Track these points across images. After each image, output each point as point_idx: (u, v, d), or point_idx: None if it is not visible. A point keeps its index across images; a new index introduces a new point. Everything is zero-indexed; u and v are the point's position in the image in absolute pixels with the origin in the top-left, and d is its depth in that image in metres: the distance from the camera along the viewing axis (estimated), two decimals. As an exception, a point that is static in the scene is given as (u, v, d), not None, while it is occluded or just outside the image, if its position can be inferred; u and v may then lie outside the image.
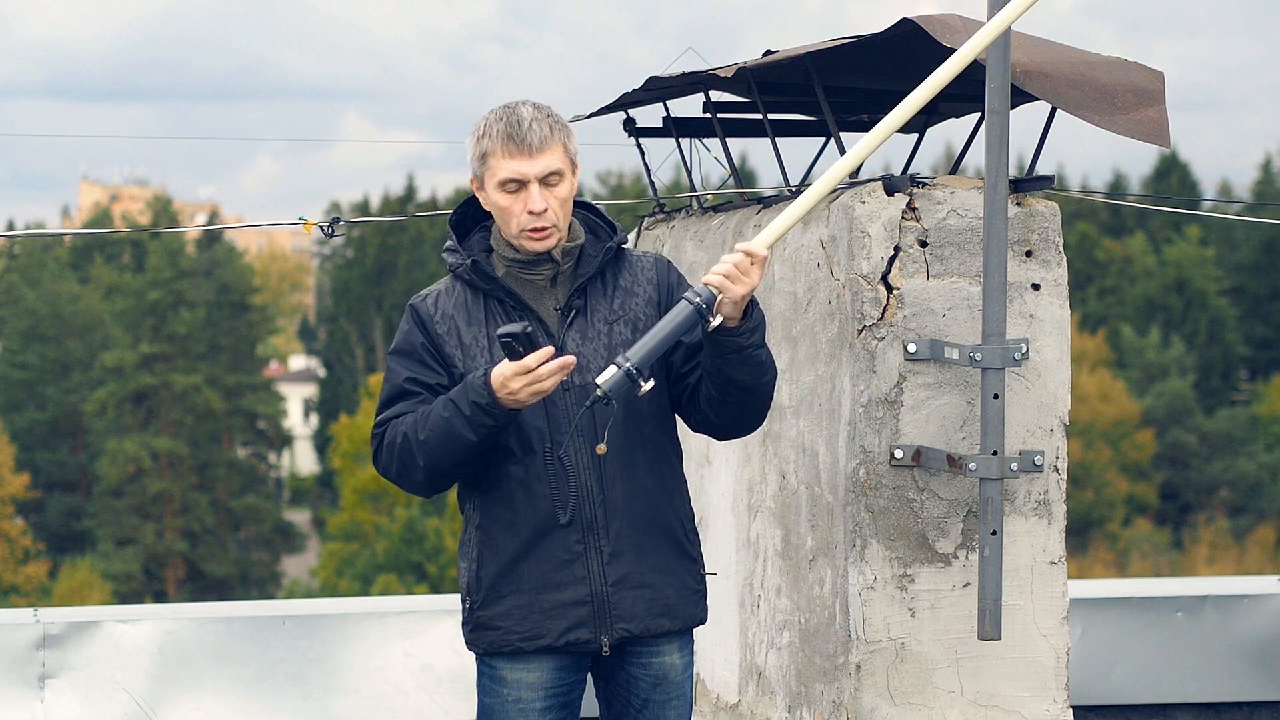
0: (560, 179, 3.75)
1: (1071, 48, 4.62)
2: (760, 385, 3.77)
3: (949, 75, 3.87)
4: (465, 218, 3.92)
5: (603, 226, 3.89)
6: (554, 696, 3.83)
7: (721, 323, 3.66)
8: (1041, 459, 4.47)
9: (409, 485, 3.81)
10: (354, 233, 56.28)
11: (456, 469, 3.75)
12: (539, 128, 3.73)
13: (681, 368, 3.83)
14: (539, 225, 3.74)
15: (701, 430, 3.89)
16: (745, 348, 3.69)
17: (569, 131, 3.79)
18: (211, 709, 5.85)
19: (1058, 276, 4.54)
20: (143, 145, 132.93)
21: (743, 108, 5.54)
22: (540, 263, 3.80)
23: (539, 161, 3.73)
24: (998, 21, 3.97)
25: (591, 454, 3.75)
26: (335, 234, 5.52)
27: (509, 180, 3.74)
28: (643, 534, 3.79)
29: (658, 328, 3.61)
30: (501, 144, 3.73)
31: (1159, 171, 53.95)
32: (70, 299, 51.30)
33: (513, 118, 3.74)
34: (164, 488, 47.50)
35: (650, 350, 3.58)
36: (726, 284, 3.62)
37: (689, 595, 3.86)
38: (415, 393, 3.79)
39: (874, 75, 5.02)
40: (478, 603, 3.82)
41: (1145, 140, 4.45)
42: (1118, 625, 6.25)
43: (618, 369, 3.56)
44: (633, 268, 3.87)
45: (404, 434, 3.74)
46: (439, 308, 3.84)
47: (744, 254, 3.63)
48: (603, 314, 3.80)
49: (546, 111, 3.78)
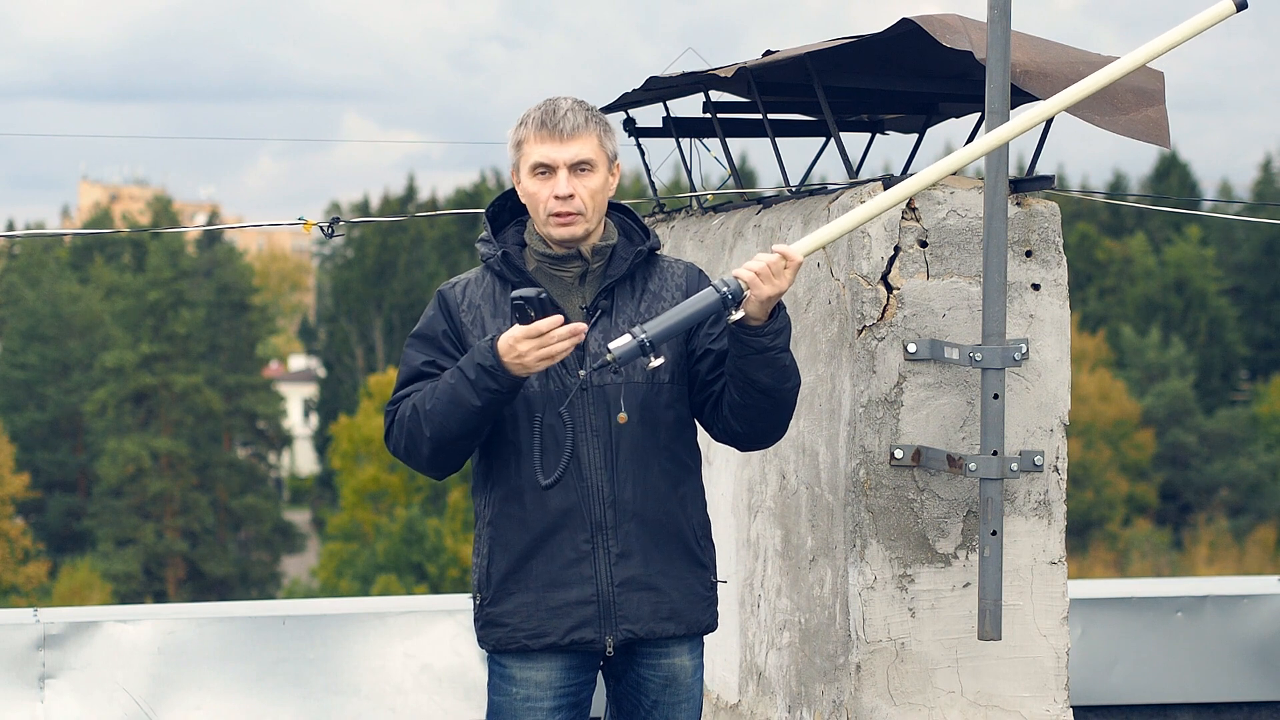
0: (591, 170, 3.77)
1: (1071, 48, 4.62)
2: (783, 390, 3.77)
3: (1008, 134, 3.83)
4: (503, 210, 3.94)
5: (637, 230, 3.91)
6: (563, 696, 3.83)
7: (745, 321, 3.67)
8: (1041, 459, 4.47)
9: (417, 462, 3.81)
10: (354, 233, 56.27)
11: (463, 440, 3.74)
12: (573, 117, 3.77)
13: (707, 375, 3.84)
14: (564, 210, 3.76)
15: (724, 439, 3.89)
16: (769, 349, 3.70)
17: (608, 128, 3.82)
18: (211, 709, 5.85)
19: (1058, 276, 4.54)
20: (145, 145, 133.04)
21: (743, 108, 5.54)
22: (570, 260, 3.81)
23: (569, 148, 3.75)
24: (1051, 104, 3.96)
25: (604, 452, 3.75)
26: (335, 234, 5.53)
27: (539, 164, 3.77)
28: (652, 537, 3.79)
29: (679, 308, 3.63)
30: (535, 130, 3.77)
31: (1159, 171, 53.93)
32: (70, 299, 51.29)
33: (550, 106, 3.79)
34: (164, 488, 47.49)
35: (668, 327, 3.60)
36: (756, 281, 3.64)
37: (697, 601, 3.86)
38: (431, 374, 3.80)
39: (874, 75, 5.02)
40: (487, 599, 3.83)
41: (1145, 140, 4.45)
42: (1118, 625, 6.25)
43: (632, 338, 3.58)
44: (663, 273, 3.88)
45: (413, 406, 3.75)
46: (466, 296, 3.85)
47: (779, 255, 3.64)
48: (628, 316, 3.81)
49: (586, 106, 3.82)
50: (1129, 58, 3.85)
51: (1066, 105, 3.88)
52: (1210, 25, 3.80)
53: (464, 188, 56.65)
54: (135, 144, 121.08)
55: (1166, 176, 53.13)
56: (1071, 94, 3.86)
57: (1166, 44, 3.83)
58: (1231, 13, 3.80)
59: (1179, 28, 3.83)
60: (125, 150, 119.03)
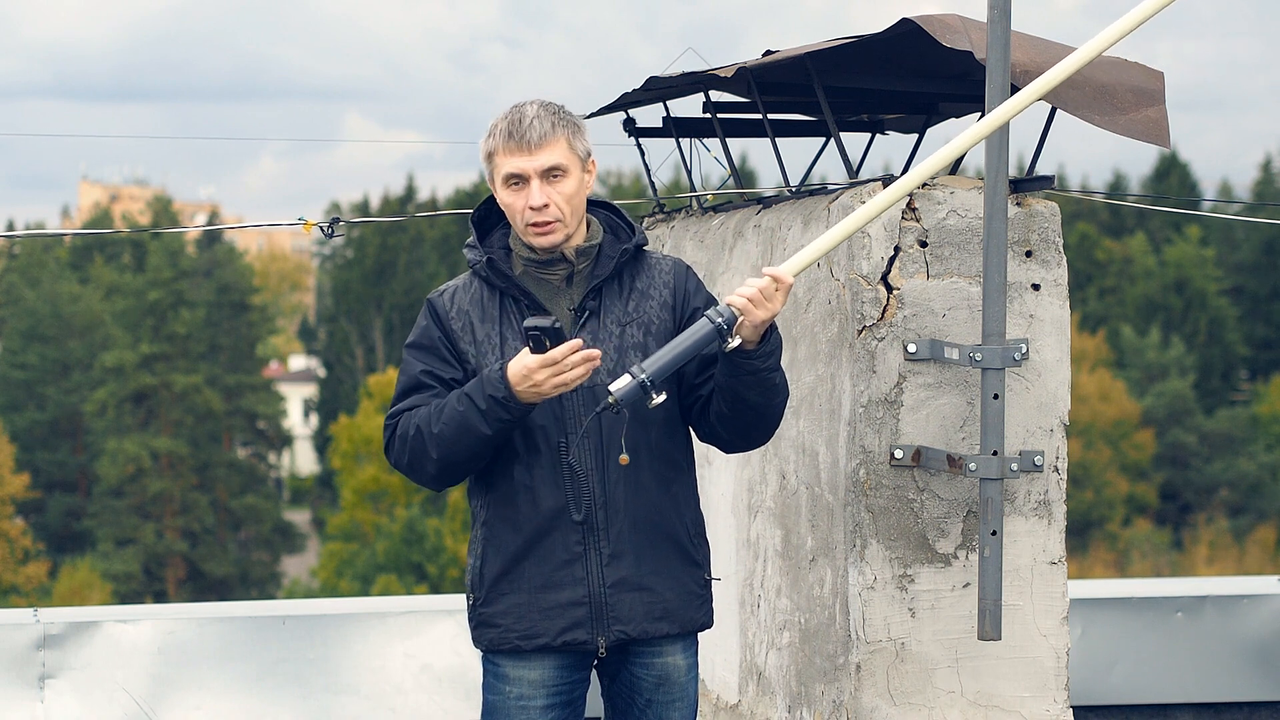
0: (563, 175, 3.76)
1: (1071, 48, 4.62)
2: (771, 406, 3.79)
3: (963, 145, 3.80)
4: (489, 215, 3.94)
5: (623, 227, 3.90)
6: (556, 695, 3.83)
7: (739, 344, 3.66)
8: (1041, 459, 4.47)
9: (420, 478, 3.81)
10: (354, 233, 56.28)
11: (469, 462, 3.75)
12: (540, 124, 3.75)
13: (695, 379, 3.83)
14: (540, 220, 3.76)
15: (708, 441, 3.90)
16: (760, 370, 3.70)
17: (576, 128, 3.80)
18: (211, 709, 5.85)
19: (1058, 276, 4.54)
20: (146, 145, 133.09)
21: (743, 108, 5.54)
22: (556, 262, 3.81)
23: (538, 157, 3.74)
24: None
25: (595, 456, 3.75)
26: (335, 234, 5.53)
27: (510, 176, 3.76)
28: (644, 537, 3.79)
29: (675, 342, 3.62)
30: (503, 141, 3.76)
31: (1159, 171, 53.95)
32: (70, 299, 51.30)
33: (515, 116, 3.77)
34: (164, 488, 47.49)
35: (666, 364, 3.59)
36: (749, 307, 3.63)
37: (690, 600, 3.86)
38: (430, 386, 3.80)
39: (874, 75, 5.02)
40: (480, 599, 3.84)
41: (1145, 140, 4.45)
42: (1118, 625, 6.25)
43: (632, 379, 3.57)
44: (650, 270, 3.87)
45: (417, 426, 3.74)
46: (455, 303, 3.85)
47: (770, 279, 3.64)
48: (616, 315, 3.81)
49: (553, 109, 3.79)
50: (1108, 31, 3.81)
51: (1051, 87, 3.85)
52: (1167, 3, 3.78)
53: (464, 188, 56.66)
54: (135, 144, 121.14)
55: (1166, 176, 53.14)
56: (1054, 75, 3.82)
57: (1134, 21, 3.80)
58: None
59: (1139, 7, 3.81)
60: (125, 150, 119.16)
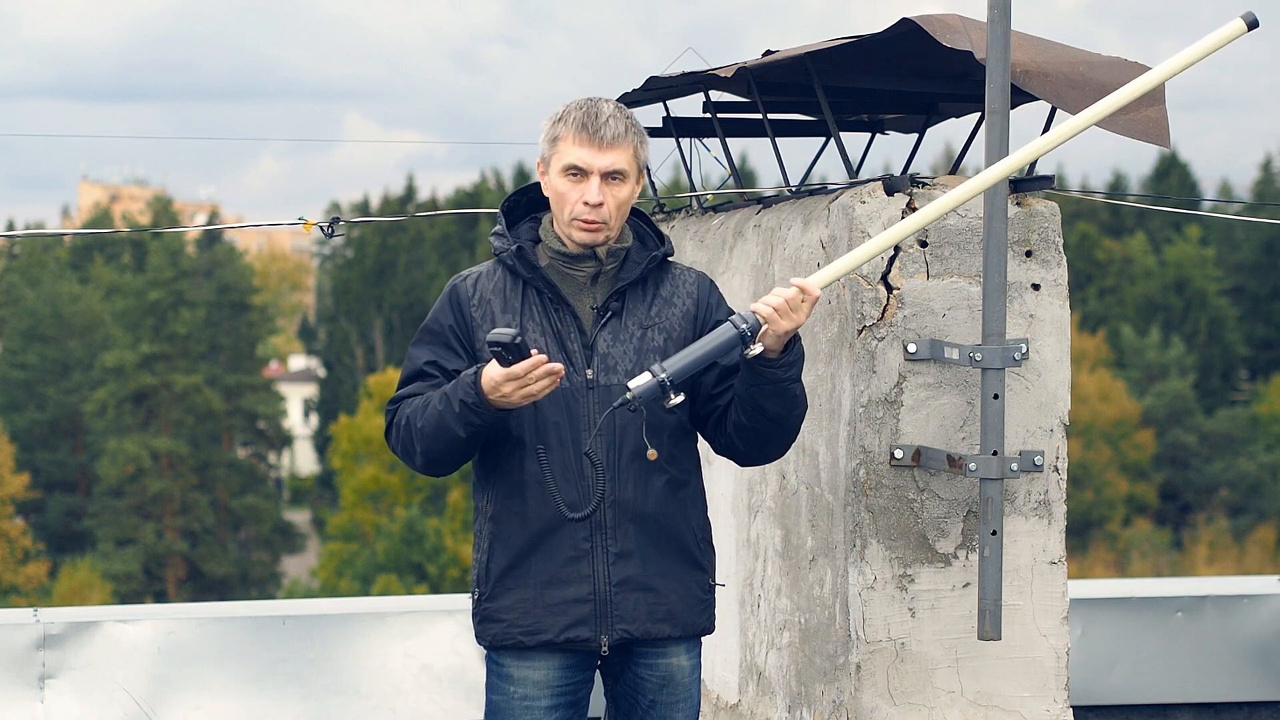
0: (623, 180, 3.77)
1: (1071, 48, 4.62)
2: (790, 417, 3.79)
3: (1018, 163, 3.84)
4: (518, 205, 3.93)
5: (651, 236, 3.91)
6: (560, 695, 3.83)
7: (761, 353, 3.66)
8: (1041, 459, 4.47)
9: (413, 466, 3.86)
10: (354, 233, 56.26)
11: (452, 457, 3.78)
12: (614, 124, 3.76)
13: (713, 389, 3.83)
14: (591, 218, 3.76)
15: (724, 454, 3.90)
16: (781, 380, 3.71)
17: (643, 139, 3.81)
18: (211, 709, 5.85)
19: (1058, 276, 4.54)
20: (146, 145, 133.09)
21: (743, 108, 5.54)
22: (584, 259, 3.81)
23: (606, 156, 3.75)
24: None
25: (606, 454, 3.76)
26: (335, 234, 5.53)
27: (573, 167, 3.76)
28: (651, 538, 3.80)
29: (697, 345, 3.62)
30: (575, 131, 3.76)
31: (1159, 171, 53.93)
32: (70, 299, 51.28)
33: (592, 109, 3.78)
34: (164, 488, 47.49)
35: (686, 365, 3.60)
36: (774, 316, 3.63)
37: (694, 604, 3.86)
38: (432, 375, 3.82)
39: (874, 75, 5.02)
40: (485, 594, 3.84)
41: (1145, 140, 4.45)
42: (1118, 625, 6.25)
43: (652, 377, 3.58)
44: (674, 280, 3.88)
45: (408, 418, 3.78)
46: (478, 289, 3.85)
47: (798, 289, 3.64)
48: (638, 318, 3.81)
49: (627, 113, 3.80)
50: (1145, 79, 3.84)
51: (1097, 120, 3.88)
52: (1224, 44, 3.80)
53: (464, 188, 56.69)
54: (135, 144, 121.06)
55: (1166, 176, 53.13)
56: (1100, 109, 3.85)
57: (1180, 64, 3.83)
58: (1243, 32, 3.80)
59: (1192, 48, 3.83)
60: (125, 150, 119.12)
